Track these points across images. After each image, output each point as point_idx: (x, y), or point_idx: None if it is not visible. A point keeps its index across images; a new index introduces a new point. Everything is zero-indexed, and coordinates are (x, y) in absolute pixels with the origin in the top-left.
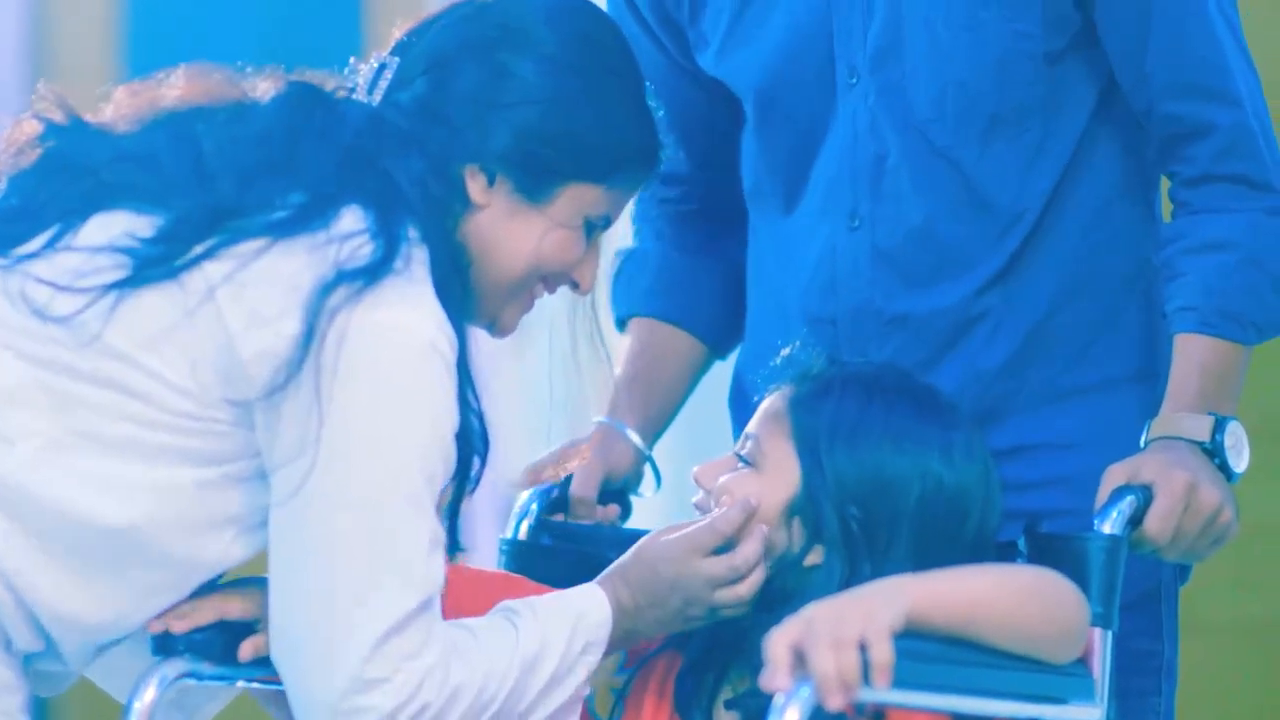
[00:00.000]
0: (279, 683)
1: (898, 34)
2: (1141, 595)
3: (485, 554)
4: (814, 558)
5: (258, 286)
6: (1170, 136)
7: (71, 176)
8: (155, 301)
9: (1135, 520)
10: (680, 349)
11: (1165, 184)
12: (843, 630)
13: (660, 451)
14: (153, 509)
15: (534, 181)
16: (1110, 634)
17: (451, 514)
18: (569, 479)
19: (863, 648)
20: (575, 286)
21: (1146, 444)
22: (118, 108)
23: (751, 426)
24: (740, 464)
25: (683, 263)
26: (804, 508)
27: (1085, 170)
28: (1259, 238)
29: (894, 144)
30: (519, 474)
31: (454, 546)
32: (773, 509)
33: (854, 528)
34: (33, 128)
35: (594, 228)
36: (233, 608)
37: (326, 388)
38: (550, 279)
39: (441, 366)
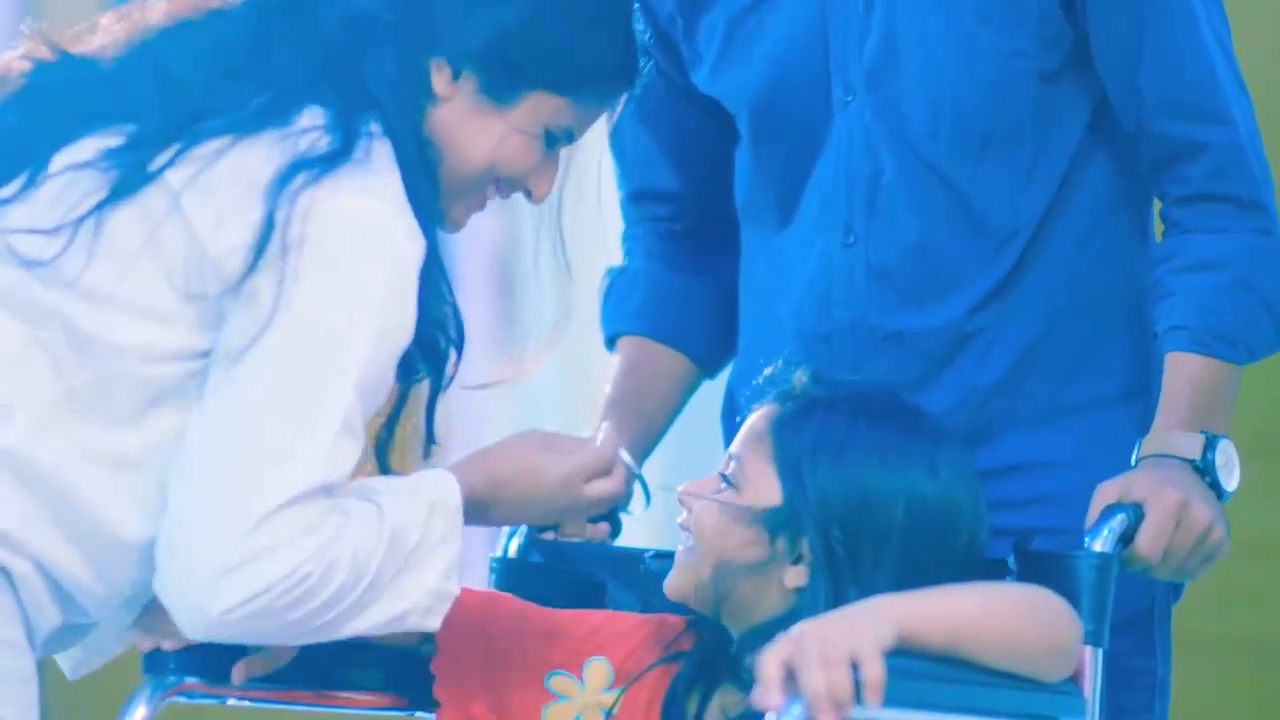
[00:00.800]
0: (270, 700)
1: (893, 51)
2: (1135, 614)
3: (477, 572)
4: (794, 579)
5: (222, 186)
6: (1162, 156)
7: (49, 108)
8: (126, 222)
9: (1126, 538)
10: (670, 368)
11: (1156, 204)
12: (833, 648)
13: (650, 468)
14: (154, 484)
15: (500, 83)
16: (1101, 652)
17: (429, 409)
18: None
19: (854, 665)
20: (529, 195)
21: (1138, 461)
22: (104, 35)
23: (734, 446)
24: (723, 484)
25: (674, 281)
26: (785, 528)
27: (1078, 189)
28: (1251, 258)
29: (889, 161)
30: None
31: (430, 439)
32: (752, 529)
33: (838, 549)
34: (19, 65)
35: (555, 139)
36: None
37: (292, 266)
38: (504, 183)
39: (404, 258)
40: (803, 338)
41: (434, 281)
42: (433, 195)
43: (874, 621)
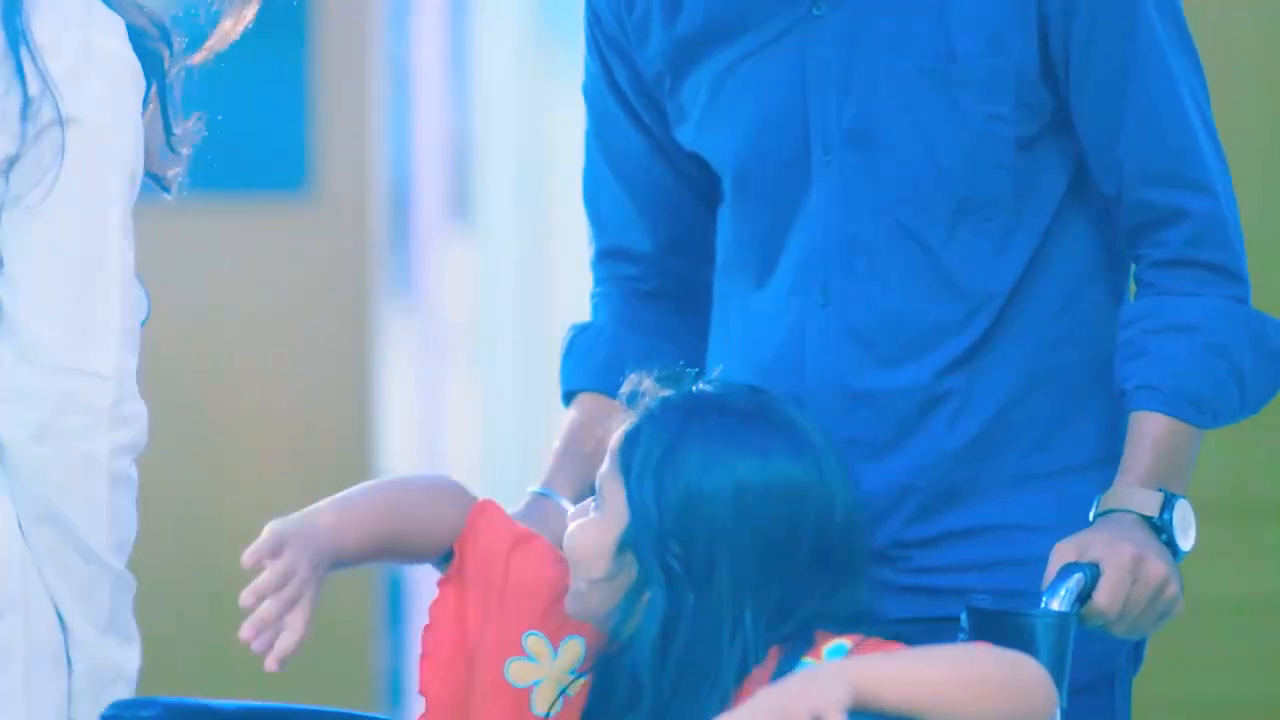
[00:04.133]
0: None
1: (872, 113)
2: (1098, 678)
3: None
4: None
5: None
6: (1141, 221)
7: None
8: None
9: (1083, 598)
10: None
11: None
12: (794, 710)
13: None
14: None
15: None
16: (1060, 711)
17: (163, 104)
18: None
19: None
20: None
21: (1096, 517)
22: None
23: (602, 464)
24: (594, 505)
25: (637, 342)
26: (634, 545)
27: (1056, 254)
28: (1224, 324)
29: (866, 223)
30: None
31: (168, 132)
32: (608, 549)
33: (673, 563)
34: None
35: None
36: None
37: (42, 115)
38: None
39: (123, 60)
40: None
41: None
42: None
43: (830, 682)
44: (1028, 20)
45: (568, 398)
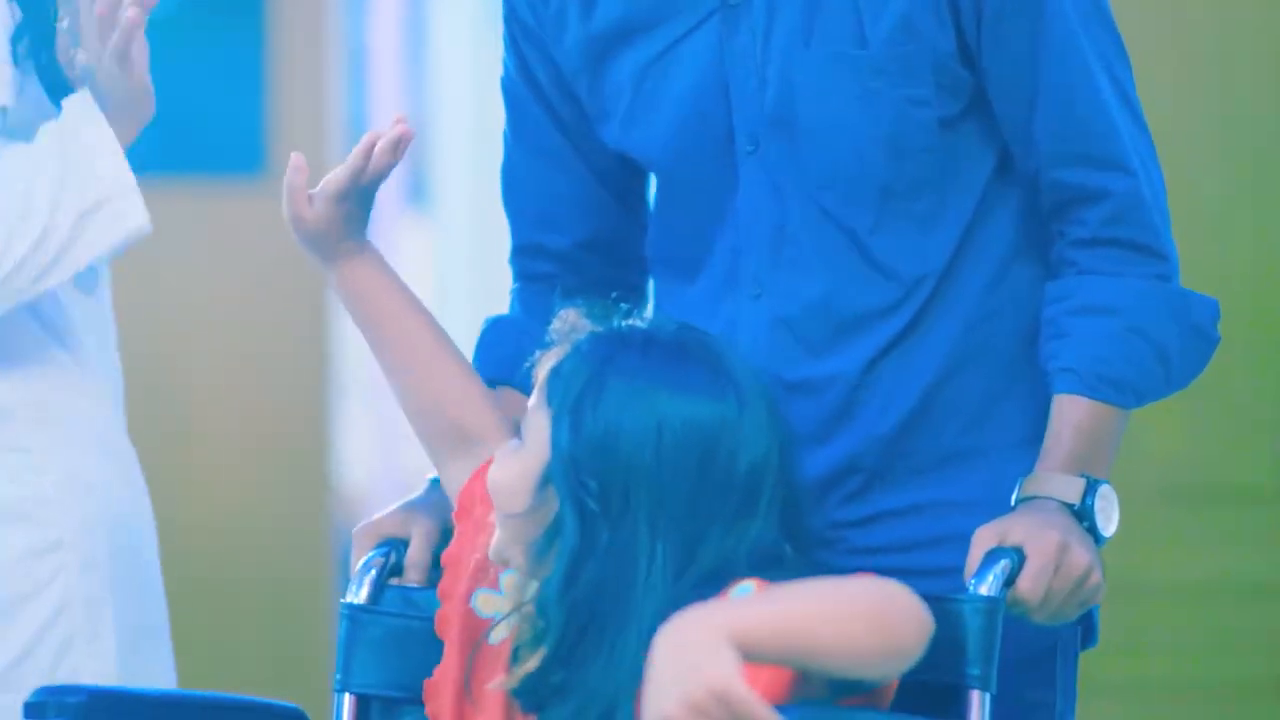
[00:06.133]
0: None
1: (791, 103)
2: (1039, 652)
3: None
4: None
5: None
6: (1060, 200)
7: None
8: None
9: (1009, 583)
10: None
11: None
12: (696, 697)
13: None
14: None
15: None
16: (989, 696)
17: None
18: (406, 542)
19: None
20: None
21: (1017, 502)
22: None
23: (530, 399)
24: (517, 440)
25: (543, 335)
26: (555, 479)
27: (985, 233)
28: (1144, 304)
29: (792, 212)
30: (355, 535)
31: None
32: (529, 482)
33: (588, 500)
34: None
35: None
36: None
37: None
38: None
39: None
40: None
41: None
42: None
43: (713, 652)
44: (939, 3)
45: None
